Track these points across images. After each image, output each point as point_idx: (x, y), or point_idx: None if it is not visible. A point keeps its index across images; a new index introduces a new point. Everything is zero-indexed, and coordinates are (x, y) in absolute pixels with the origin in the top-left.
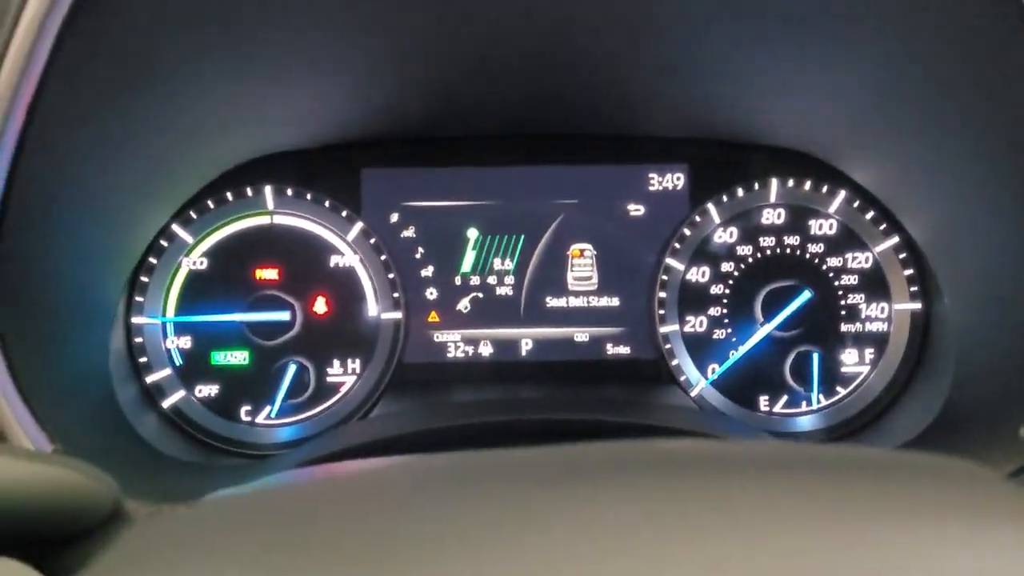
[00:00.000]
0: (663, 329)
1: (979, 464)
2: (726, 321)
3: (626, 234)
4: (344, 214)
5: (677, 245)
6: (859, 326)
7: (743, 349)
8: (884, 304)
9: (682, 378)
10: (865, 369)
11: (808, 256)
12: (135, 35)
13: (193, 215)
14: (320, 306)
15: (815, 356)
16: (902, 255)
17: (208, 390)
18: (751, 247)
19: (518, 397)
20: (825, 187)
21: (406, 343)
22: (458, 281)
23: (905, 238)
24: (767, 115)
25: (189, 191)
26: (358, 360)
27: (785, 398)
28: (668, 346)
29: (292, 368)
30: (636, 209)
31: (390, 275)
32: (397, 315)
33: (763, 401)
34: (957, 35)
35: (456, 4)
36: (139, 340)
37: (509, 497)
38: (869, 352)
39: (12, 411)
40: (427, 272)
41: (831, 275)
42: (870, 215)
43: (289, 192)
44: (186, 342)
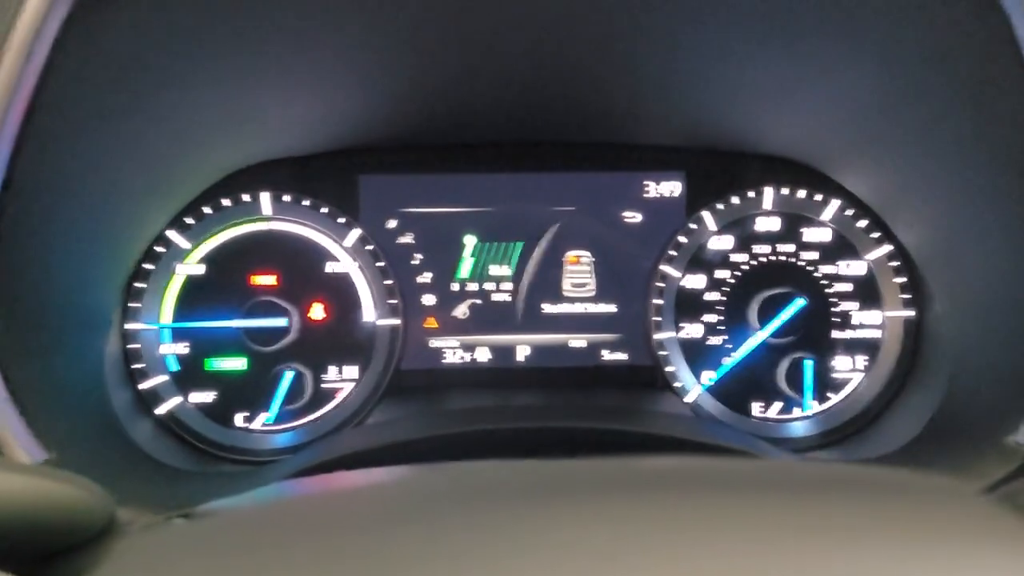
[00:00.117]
0: (659, 336)
1: (955, 480)
2: (721, 328)
3: (623, 241)
4: (341, 220)
5: (673, 252)
6: (852, 333)
7: (738, 356)
8: (877, 312)
9: (677, 384)
10: (858, 376)
11: (802, 264)
12: (131, 43)
13: (189, 221)
14: (317, 312)
15: (808, 363)
16: (895, 263)
17: (204, 396)
18: (746, 255)
19: (514, 404)
20: (819, 195)
21: (403, 349)
22: (455, 287)
23: (898, 246)
24: (762, 124)
25: (186, 197)
26: (355, 366)
27: (779, 404)
28: (664, 353)
29: (289, 374)
30: (632, 216)
31: (387, 281)
32: (394, 321)
33: (757, 407)
34: (948, 49)
35: (454, 13)
36: (135, 346)
37: (520, 518)
38: (862, 359)
39: (6, 419)
40: (424, 278)
41: (825, 283)
42: (863, 223)
43: (286, 198)
44: (182, 348)
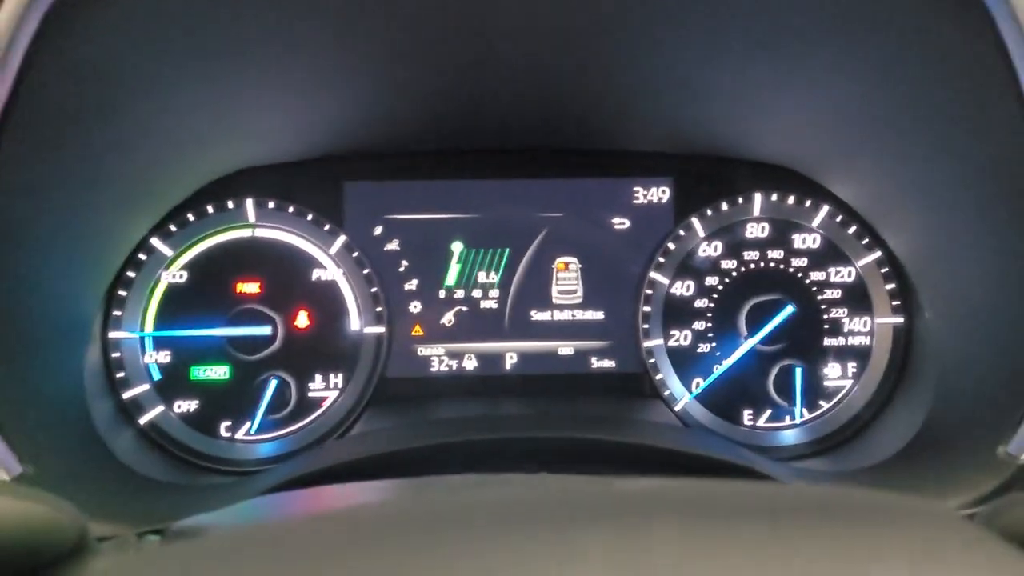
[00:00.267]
0: (647, 343)
1: (935, 500)
2: (710, 335)
3: (611, 247)
4: (327, 227)
5: (661, 259)
6: (842, 340)
7: (727, 363)
8: (867, 318)
9: (666, 392)
10: (848, 383)
11: (791, 270)
12: (108, 49)
13: (173, 228)
14: (302, 320)
15: (798, 370)
16: (884, 269)
17: (187, 405)
18: (735, 261)
19: (499, 414)
20: (808, 202)
21: (389, 357)
22: (442, 294)
23: (887, 253)
24: (751, 131)
25: (169, 204)
26: (340, 375)
27: (768, 412)
28: (652, 360)
29: (273, 383)
30: (621, 222)
31: (373, 289)
32: (380, 329)
33: (746, 415)
34: (936, 58)
35: (442, 21)
36: (116, 355)
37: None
38: (852, 366)
39: None
40: (411, 285)
41: (814, 289)
42: (853, 229)
43: (271, 205)
44: (165, 357)
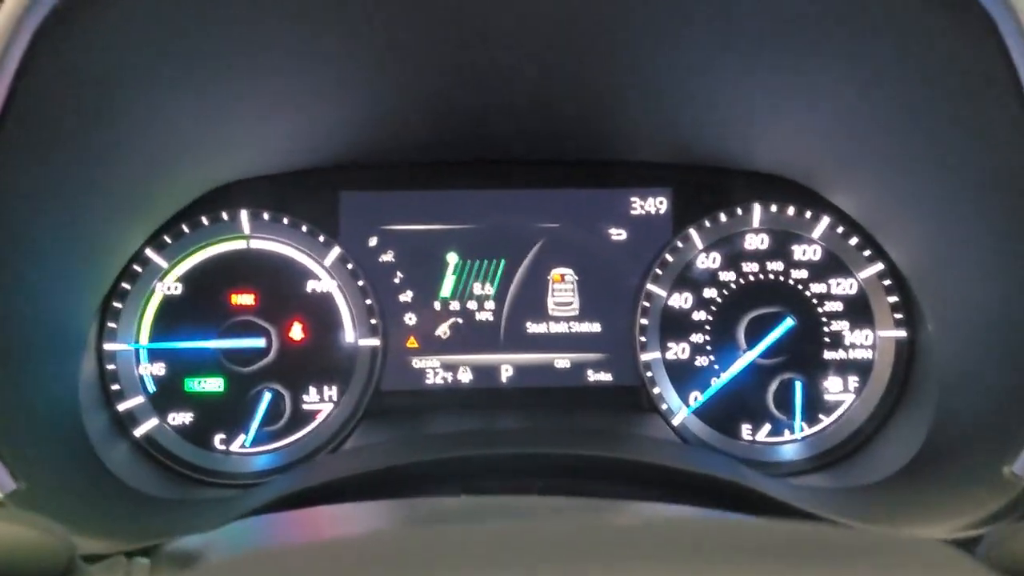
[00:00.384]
0: (644, 356)
1: (951, 548)
2: (708, 348)
3: (608, 259)
4: (321, 239)
5: (659, 271)
6: (843, 354)
7: (725, 377)
8: (868, 331)
9: (664, 406)
10: (849, 397)
11: (791, 282)
12: (101, 61)
13: (167, 240)
14: (296, 332)
15: (798, 384)
16: (887, 282)
17: (182, 418)
18: (734, 273)
19: (495, 428)
20: (808, 212)
21: (384, 370)
22: (437, 306)
23: (890, 265)
24: (750, 142)
25: (163, 215)
26: (335, 387)
27: (768, 427)
28: (649, 373)
29: (267, 396)
30: (618, 233)
31: (367, 301)
32: (374, 342)
33: (746, 430)
34: (938, 68)
35: (438, 32)
36: (111, 367)
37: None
38: (853, 380)
39: None
40: (406, 297)
41: (815, 302)
42: (854, 241)
43: (266, 216)
44: (160, 369)
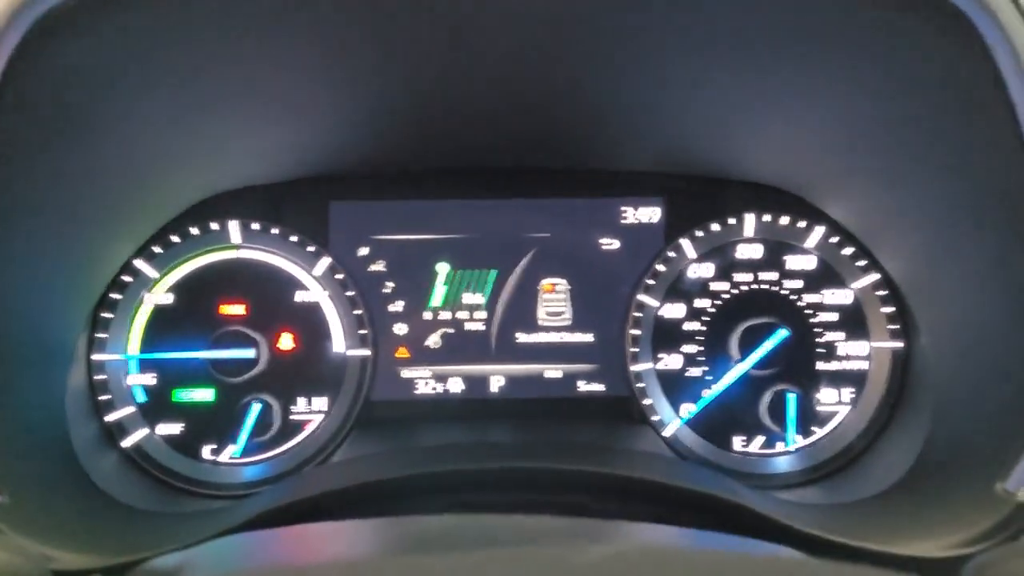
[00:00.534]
0: (636, 367)
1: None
2: (701, 359)
3: (599, 268)
4: (311, 249)
5: (651, 280)
6: (837, 365)
7: (718, 388)
8: (863, 342)
9: (655, 417)
10: (843, 409)
11: (785, 293)
12: (89, 71)
13: (157, 250)
14: (286, 342)
15: (791, 396)
16: (881, 292)
17: (171, 428)
18: (727, 283)
19: (483, 441)
20: (802, 222)
21: (374, 380)
22: (428, 316)
23: (885, 275)
24: (743, 151)
25: (153, 226)
26: (324, 398)
27: (761, 439)
28: (641, 384)
29: (257, 406)
30: (610, 243)
31: (357, 311)
32: (364, 352)
33: (738, 442)
34: (931, 78)
35: (428, 41)
36: (101, 377)
37: None
38: (848, 392)
39: None
40: (396, 307)
41: (809, 312)
42: (848, 251)
43: (255, 226)
44: (150, 379)
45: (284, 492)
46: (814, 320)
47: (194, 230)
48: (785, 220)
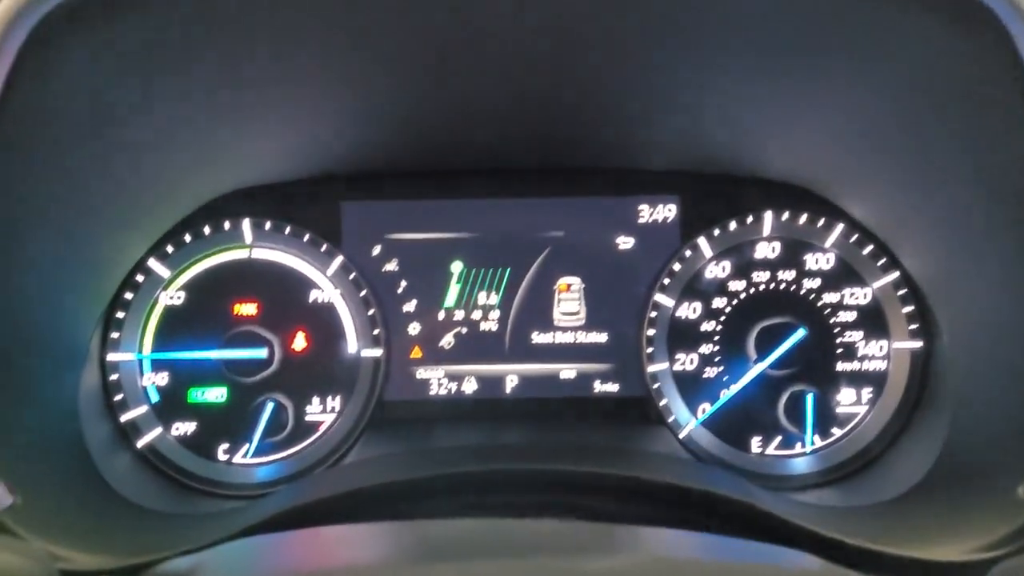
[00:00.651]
0: (652, 367)
1: None
2: (717, 359)
3: (615, 268)
4: (324, 248)
5: (667, 280)
6: (856, 365)
7: (735, 388)
8: (883, 342)
9: (671, 418)
10: (862, 410)
11: (803, 292)
12: (100, 73)
13: (170, 249)
14: (299, 342)
15: (809, 396)
16: (901, 291)
17: (185, 428)
18: (744, 282)
19: (498, 443)
20: (821, 221)
21: (387, 380)
22: (441, 316)
23: (905, 274)
24: (761, 150)
25: (165, 225)
26: (338, 398)
27: (778, 439)
28: (657, 385)
29: (270, 406)
30: (625, 242)
31: (370, 311)
32: (378, 352)
33: (755, 443)
34: (951, 75)
35: (442, 41)
36: (114, 377)
37: None
38: (867, 392)
39: None
40: (410, 306)
41: (827, 312)
42: (868, 250)
43: (268, 225)
44: (163, 379)
45: (297, 494)
46: (833, 320)
47: (207, 229)
48: (803, 218)
